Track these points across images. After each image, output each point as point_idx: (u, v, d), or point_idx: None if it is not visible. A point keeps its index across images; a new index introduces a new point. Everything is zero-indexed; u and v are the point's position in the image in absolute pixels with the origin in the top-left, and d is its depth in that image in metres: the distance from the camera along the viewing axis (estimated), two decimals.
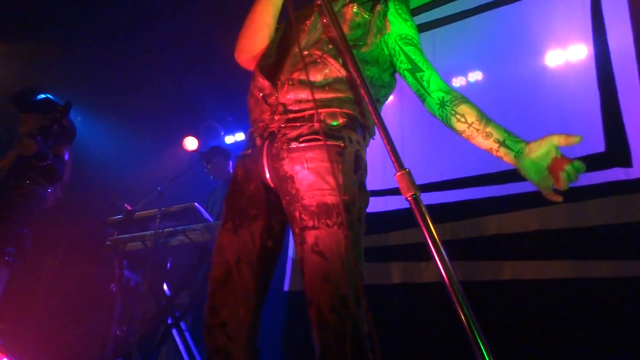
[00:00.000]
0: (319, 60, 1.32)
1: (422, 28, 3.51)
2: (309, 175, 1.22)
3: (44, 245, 3.25)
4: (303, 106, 1.29)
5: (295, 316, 3.30)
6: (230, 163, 3.95)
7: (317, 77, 1.31)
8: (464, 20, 3.34)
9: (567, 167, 1.09)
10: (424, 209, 0.91)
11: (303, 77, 1.30)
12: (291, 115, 1.30)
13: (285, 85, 1.32)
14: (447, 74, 3.36)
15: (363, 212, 1.26)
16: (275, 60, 1.41)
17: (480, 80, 3.22)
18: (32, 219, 2.65)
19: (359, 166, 1.27)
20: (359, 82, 1.08)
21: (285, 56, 1.38)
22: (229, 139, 4.95)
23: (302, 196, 1.21)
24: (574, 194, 2.57)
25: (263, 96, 1.37)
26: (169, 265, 3.34)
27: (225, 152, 4.01)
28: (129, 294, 3.35)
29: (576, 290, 2.39)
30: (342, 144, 1.24)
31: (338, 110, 1.28)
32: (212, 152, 3.96)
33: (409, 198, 0.93)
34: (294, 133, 1.27)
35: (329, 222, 1.17)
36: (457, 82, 3.31)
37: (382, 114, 1.15)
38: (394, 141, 1.01)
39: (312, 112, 1.27)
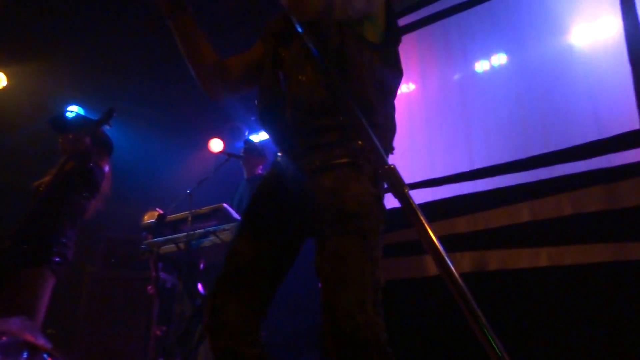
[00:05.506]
0: (325, 92, 1.30)
1: (445, 14, 3.43)
2: (329, 188, 1.25)
3: (83, 252, 3.37)
4: (323, 133, 1.31)
5: None
6: (261, 166, 3.98)
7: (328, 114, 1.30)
8: (488, 2, 3.25)
9: None
10: (414, 204, 0.90)
11: (318, 111, 1.31)
12: (313, 141, 1.32)
13: (300, 113, 1.33)
14: (469, 58, 3.31)
15: (381, 223, 1.27)
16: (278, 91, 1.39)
17: (504, 63, 3.14)
18: (75, 229, 2.75)
19: (377, 181, 1.29)
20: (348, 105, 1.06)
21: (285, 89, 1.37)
22: (254, 139, 4.99)
23: (323, 207, 1.24)
24: (609, 175, 2.50)
25: (283, 121, 1.38)
26: (202, 265, 3.41)
27: (261, 152, 4.02)
28: (166, 295, 3.44)
29: (616, 273, 2.33)
30: (361, 162, 1.26)
31: (355, 134, 1.26)
32: (250, 148, 3.98)
33: (402, 193, 0.92)
34: (318, 155, 1.30)
35: (347, 228, 1.19)
36: (480, 66, 3.24)
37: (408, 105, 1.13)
38: (415, 133, 1.00)
39: (333, 138, 1.29)
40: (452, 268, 0.84)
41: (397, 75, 1.44)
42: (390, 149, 1.41)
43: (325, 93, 1.28)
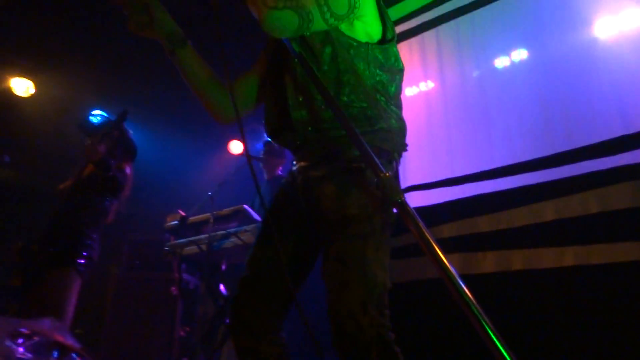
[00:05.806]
0: (324, 107, 1.32)
1: (462, 11, 3.39)
2: (332, 194, 1.28)
3: (108, 254, 3.44)
4: (328, 144, 1.33)
5: None
6: (281, 167, 4.00)
7: (330, 123, 1.31)
8: None
9: None
10: (411, 211, 0.93)
11: (321, 122, 1.33)
12: (320, 152, 1.35)
13: (305, 129, 1.35)
14: (489, 55, 3.26)
15: (387, 226, 1.28)
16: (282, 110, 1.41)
17: (525, 59, 3.08)
18: (99, 231, 2.82)
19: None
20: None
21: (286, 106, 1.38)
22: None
23: (327, 213, 1.27)
24: (636, 171, 2.43)
25: (290, 137, 1.41)
26: (224, 266, 3.45)
27: (281, 153, 4.03)
28: (189, 296, 3.49)
29: None
30: (364, 167, 1.27)
31: (354, 145, 1.27)
32: (269, 149, 3.98)
33: (396, 202, 0.95)
34: (323, 164, 1.33)
35: (349, 232, 1.22)
36: (501, 62, 3.18)
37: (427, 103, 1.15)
38: (434, 132, 1.02)
39: (337, 148, 1.32)
40: (454, 272, 0.86)
41: (398, 73, 1.42)
42: (402, 148, 1.41)
43: (324, 108, 1.30)
